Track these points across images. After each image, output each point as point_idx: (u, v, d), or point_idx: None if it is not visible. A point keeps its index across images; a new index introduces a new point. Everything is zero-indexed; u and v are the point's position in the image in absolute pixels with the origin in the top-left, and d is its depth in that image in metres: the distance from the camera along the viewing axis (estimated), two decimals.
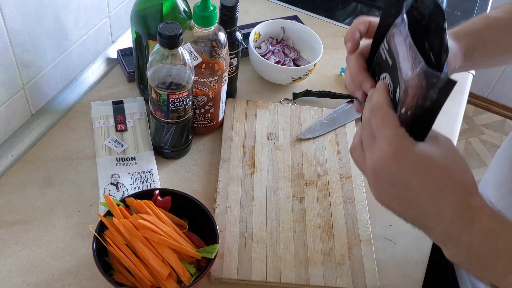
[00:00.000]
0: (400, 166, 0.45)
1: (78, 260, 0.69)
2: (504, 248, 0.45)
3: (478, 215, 0.45)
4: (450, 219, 0.45)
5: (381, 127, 0.47)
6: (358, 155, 0.51)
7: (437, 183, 0.45)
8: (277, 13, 1.15)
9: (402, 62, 0.48)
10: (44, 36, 0.79)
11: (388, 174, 0.46)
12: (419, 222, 0.48)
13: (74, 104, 0.89)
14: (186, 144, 0.83)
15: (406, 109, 0.47)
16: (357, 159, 0.51)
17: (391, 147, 0.45)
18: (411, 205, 0.47)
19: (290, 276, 0.69)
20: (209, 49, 0.75)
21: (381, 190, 0.48)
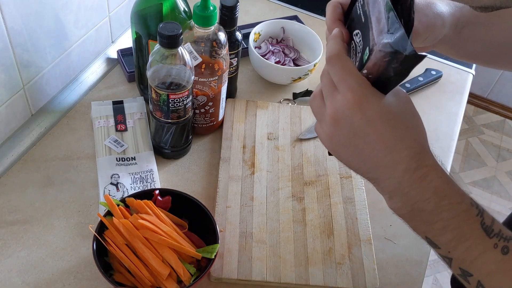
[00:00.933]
0: (363, 115, 0.46)
1: (78, 260, 0.69)
2: (448, 208, 0.46)
3: (430, 173, 0.47)
4: (403, 173, 0.47)
5: (343, 77, 0.47)
6: (318, 105, 0.51)
7: (395, 136, 0.46)
8: (277, 13, 1.15)
9: (374, 22, 0.47)
10: (44, 36, 0.79)
11: (348, 122, 0.47)
12: (370, 174, 0.49)
13: (74, 104, 0.89)
14: (186, 144, 0.83)
15: (368, 72, 0.46)
16: (316, 109, 0.51)
17: (355, 96, 0.46)
18: (365, 156, 0.48)
19: (290, 276, 0.69)
20: (209, 49, 0.75)
21: (337, 139, 0.49)
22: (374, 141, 0.46)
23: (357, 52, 0.50)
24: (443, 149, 0.91)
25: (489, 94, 2.44)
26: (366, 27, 0.49)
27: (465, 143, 2.34)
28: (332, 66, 0.48)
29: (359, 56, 0.49)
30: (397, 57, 0.42)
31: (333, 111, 0.47)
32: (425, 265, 0.75)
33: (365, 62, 0.47)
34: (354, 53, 0.51)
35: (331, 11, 0.56)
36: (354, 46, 0.51)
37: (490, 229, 0.46)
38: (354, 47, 0.51)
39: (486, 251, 0.46)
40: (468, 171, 2.22)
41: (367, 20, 0.49)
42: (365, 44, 0.49)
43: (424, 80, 1.01)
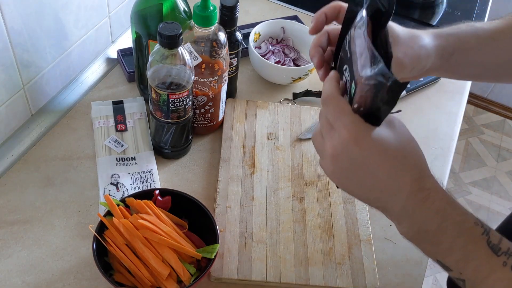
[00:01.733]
0: (360, 150, 0.47)
1: (78, 260, 0.69)
2: (451, 227, 0.48)
3: (431, 195, 0.48)
4: (406, 197, 0.48)
5: (337, 116, 0.49)
6: (318, 143, 0.53)
7: (394, 166, 0.48)
8: (277, 13, 1.15)
9: (358, 57, 0.49)
10: (44, 36, 0.79)
11: (347, 157, 0.48)
12: (378, 203, 0.51)
13: (74, 104, 0.89)
14: (186, 144, 0.83)
15: (359, 105, 0.48)
16: (318, 146, 0.53)
17: (350, 133, 0.47)
18: (370, 186, 0.49)
19: (290, 276, 0.69)
20: (209, 49, 0.75)
21: (340, 173, 0.50)
22: (375, 173, 0.48)
23: (346, 86, 0.52)
24: (443, 149, 0.91)
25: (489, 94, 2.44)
26: (351, 62, 0.51)
27: (465, 143, 2.34)
28: (326, 106, 0.51)
29: (348, 90, 0.52)
30: (382, 87, 0.44)
31: (332, 149, 0.49)
32: (425, 265, 0.75)
33: (353, 96, 0.49)
34: (345, 88, 0.53)
35: (314, 39, 0.60)
36: (345, 81, 0.53)
37: (497, 248, 0.47)
38: (345, 82, 0.53)
39: (495, 270, 0.46)
40: (468, 171, 2.22)
41: (352, 55, 0.51)
42: (352, 78, 0.51)
43: (424, 80, 1.01)
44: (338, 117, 0.49)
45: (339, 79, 0.53)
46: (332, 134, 0.49)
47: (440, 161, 0.89)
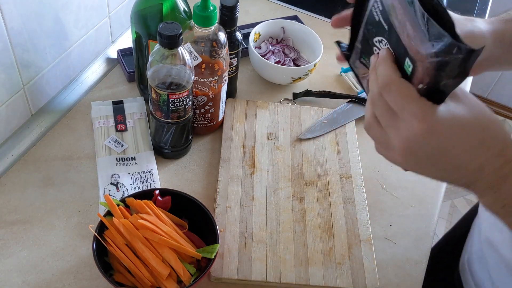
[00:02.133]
0: (436, 139, 0.44)
1: (78, 260, 0.69)
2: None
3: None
4: (490, 173, 0.46)
5: (402, 103, 0.45)
6: (378, 133, 0.49)
7: (474, 141, 0.45)
8: (277, 13, 1.15)
9: (409, 29, 0.46)
10: (44, 36, 0.79)
11: (423, 150, 0.45)
12: (461, 181, 0.48)
13: (74, 104, 0.89)
14: (186, 144, 0.83)
15: (423, 83, 0.45)
16: (377, 137, 0.50)
17: (422, 123, 0.44)
18: (451, 169, 0.47)
19: (290, 276, 0.69)
20: (209, 49, 0.75)
21: (415, 164, 0.48)
22: (456, 154, 0.45)
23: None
24: None
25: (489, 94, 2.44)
26: (394, 36, 0.48)
27: None
28: (389, 93, 0.46)
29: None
30: (454, 60, 0.42)
31: (403, 142, 0.46)
32: (425, 265, 0.75)
33: (411, 74, 0.46)
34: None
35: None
36: (377, 52, 0.52)
37: None
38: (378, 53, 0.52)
39: None
40: None
41: (393, 28, 0.48)
42: (400, 53, 0.48)
43: None
44: (403, 105, 0.45)
45: (394, 58, 0.49)
46: (398, 124, 0.46)
47: None
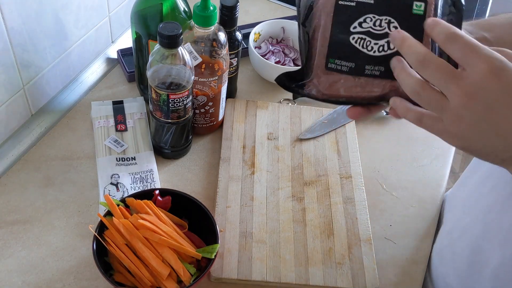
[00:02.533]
0: (500, 84, 0.41)
1: (78, 260, 0.69)
2: None
3: None
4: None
5: (472, 49, 0.43)
6: (431, 94, 0.45)
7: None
8: (277, 13, 1.15)
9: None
10: (44, 36, 0.79)
11: (484, 96, 0.42)
12: (506, 153, 0.44)
13: (74, 104, 0.89)
14: (186, 144, 0.83)
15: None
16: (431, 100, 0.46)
17: (488, 62, 0.41)
18: (503, 131, 0.43)
19: (290, 276, 0.69)
20: (209, 49, 0.75)
21: (468, 119, 0.43)
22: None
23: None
24: (443, 149, 0.91)
25: None
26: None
27: None
28: (455, 42, 0.44)
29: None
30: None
31: (466, 89, 0.42)
32: (425, 265, 0.75)
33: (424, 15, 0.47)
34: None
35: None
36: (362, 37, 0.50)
37: None
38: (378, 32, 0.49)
39: None
40: None
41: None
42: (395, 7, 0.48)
43: None
44: (473, 51, 0.42)
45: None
46: (461, 75, 0.43)
47: (440, 161, 0.89)
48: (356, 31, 0.50)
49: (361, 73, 0.50)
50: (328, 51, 0.51)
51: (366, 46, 0.50)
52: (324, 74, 0.51)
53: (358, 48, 0.50)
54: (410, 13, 0.49)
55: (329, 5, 0.50)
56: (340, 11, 0.50)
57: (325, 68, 0.51)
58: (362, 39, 0.50)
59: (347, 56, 0.50)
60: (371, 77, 0.50)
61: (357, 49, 0.50)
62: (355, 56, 0.50)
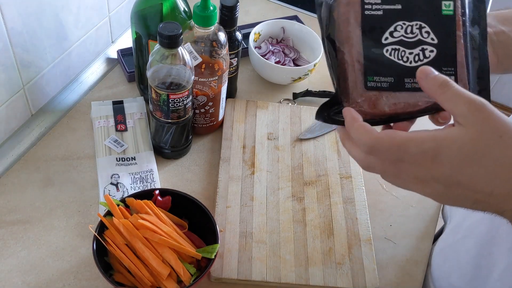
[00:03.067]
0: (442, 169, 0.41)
1: (78, 260, 0.69)
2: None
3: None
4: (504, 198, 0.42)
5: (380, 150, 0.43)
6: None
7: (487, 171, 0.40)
8: (277, 13, 1.15)
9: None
10: (44, 36, 0.79)
11: (436, 180, 0.42)
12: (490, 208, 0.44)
13: (74, 104, 0.89)
14: (186, 144, 0.83)
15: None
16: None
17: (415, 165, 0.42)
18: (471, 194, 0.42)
19: (290, 276, 0.69)
20: (209, 49, 0.75)
21: (439, 198, 0.44)
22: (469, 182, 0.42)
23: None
24: None
25: None
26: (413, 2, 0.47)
27: None
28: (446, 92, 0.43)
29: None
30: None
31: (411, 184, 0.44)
32: (425, 265, 0.75)
33: (454, 12, 0.46)
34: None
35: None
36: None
37: None
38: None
39: None
40: None
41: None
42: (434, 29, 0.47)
43: None
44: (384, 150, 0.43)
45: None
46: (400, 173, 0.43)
47: None
48: (388, 42, 0.47)
49: (402, 88, 0.47)
50: (364, 68, 0.47)
51: (401, 57, 0.47)
52: (365, 94, 0.48)
53: (394, 60, 0.47)
54: (440, 14, 0.47)
55: (354, 16, 0.48)
56: (369, 22, 0.47)
57: (365, 87, 0.48)
58: (396, 49, 0.47)
59: (384, 71, 0.47)
60: (413, 91, 0.47)
61: (393, 61, 0.47)
62: (392, 69, 0.47)
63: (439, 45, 0.47)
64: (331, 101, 0.49)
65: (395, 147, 0.43)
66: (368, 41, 0.47)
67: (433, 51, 0.47)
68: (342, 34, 0.48)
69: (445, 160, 0.41)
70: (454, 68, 0.47)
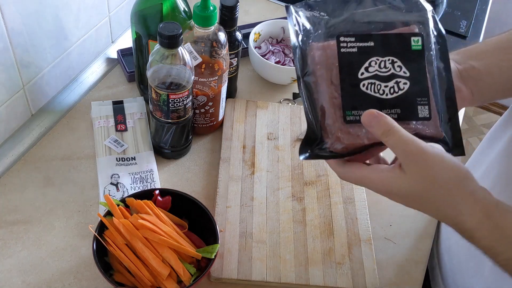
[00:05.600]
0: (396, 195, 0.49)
1: (78, 260, 0.69)
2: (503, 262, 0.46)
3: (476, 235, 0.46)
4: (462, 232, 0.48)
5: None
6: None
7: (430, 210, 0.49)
8: (277, 13, 1.15)
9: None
10: (44, 36, 0.79)
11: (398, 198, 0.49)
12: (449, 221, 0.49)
13: (74, 104, 0.89)
14: (186, 144, 0.83)
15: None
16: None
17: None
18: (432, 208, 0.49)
19: (290, 276, 0.69)
20: (209, 49, 0.75)
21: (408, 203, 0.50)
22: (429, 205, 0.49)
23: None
24: None
25: None
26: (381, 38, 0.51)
27: (465, 143, 2.34)
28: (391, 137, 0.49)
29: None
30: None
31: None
32: (425, 265, 0.75)
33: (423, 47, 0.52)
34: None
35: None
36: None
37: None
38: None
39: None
40: None
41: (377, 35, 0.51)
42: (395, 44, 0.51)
43: None
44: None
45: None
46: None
47: None
48: (364, 77, 0.50)
49: None
50: (342, 103, 0.50)
51: (378, 90, 0.50)
52: (344, 128, 0.50)
53: (371, 93, 0.50)
54: (410, 49, 0.50)
55: (331, 55, 0.50)
56: (345, 59, 0.50)
57: (344, 121, 0.50)
58: (372, 83, 0.50)
59: (362, 105, 0.49)
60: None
61: (369, 95, 0.50)
62: (370, 102, 0.49)
63: (411, 78, 0.50)
64: (310, 138, 0.52)
65: (358, 182, 0.51)
66: (345, 77, 0.50)
67: (406, 83, 0.50)
68: (319, 73, 0.50)
69: (395, 197, 0.49)
70: (427, 98, 0.50)
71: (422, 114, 0.50)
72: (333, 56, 0.50)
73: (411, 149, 0.46)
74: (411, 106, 0.50)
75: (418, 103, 0.50)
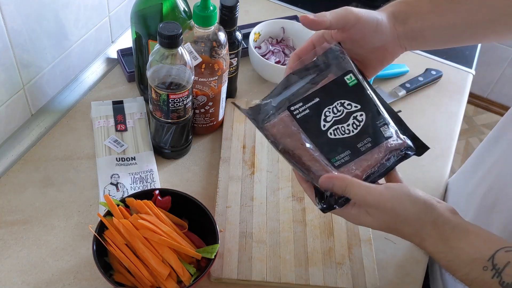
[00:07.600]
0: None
1: (78, 260, 0.69)
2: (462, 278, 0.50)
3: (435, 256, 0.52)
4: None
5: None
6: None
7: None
8: (277, 13, 1.15)
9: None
10: (44, 36, 0.79)
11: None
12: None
13: (74, 104, 0.89)
14: (186, 144, 0.83)
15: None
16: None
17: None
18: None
19: (290, 276, 0.69)
20: (209, 49, 0.75)
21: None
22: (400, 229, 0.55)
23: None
24: (443, 149, 0.91)
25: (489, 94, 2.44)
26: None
27: (465, 143, 2.34)
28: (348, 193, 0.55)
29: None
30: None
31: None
32: (425, 265, 0.75)
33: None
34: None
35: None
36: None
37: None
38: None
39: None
40: None
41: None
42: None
43: (424, 80, 1.01)
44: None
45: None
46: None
47: (440, 161, 0.89)
48: (327, 127, 0.56)
49: (360, 153, 0.55)
50: (324, 155, 0.56)
51: (344, 131, 0.56)
52: (339, 172, 0.56)
53: (340, 137, 0.56)
54: (348, 87, 0.56)
55: (291, 125, 0.56)
56: (304, 122, 0.56)
57: (335, 167, 0.56)
58: (336, 129, 0.56)
59: (339, 149, 0.56)
60: (369, 150, 0.56)
61: (340, 138, 0.56)
62: (344, 144, 0.56)
63: (364, 108, 0.56)
64: (318, 191, 0.57)
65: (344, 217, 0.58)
66: (312, 135, 0.56)
67: (362, 114, 0.56)
68: (289, 143, 0.56)
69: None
70: (382, 118, 0.56)
71: (387, 133, 0.56)
72: (292, 124, 0.56)
73: (368, 200, 0.52)
74: (376, 130, 0.56)
75: (379, 126, 0.56)
